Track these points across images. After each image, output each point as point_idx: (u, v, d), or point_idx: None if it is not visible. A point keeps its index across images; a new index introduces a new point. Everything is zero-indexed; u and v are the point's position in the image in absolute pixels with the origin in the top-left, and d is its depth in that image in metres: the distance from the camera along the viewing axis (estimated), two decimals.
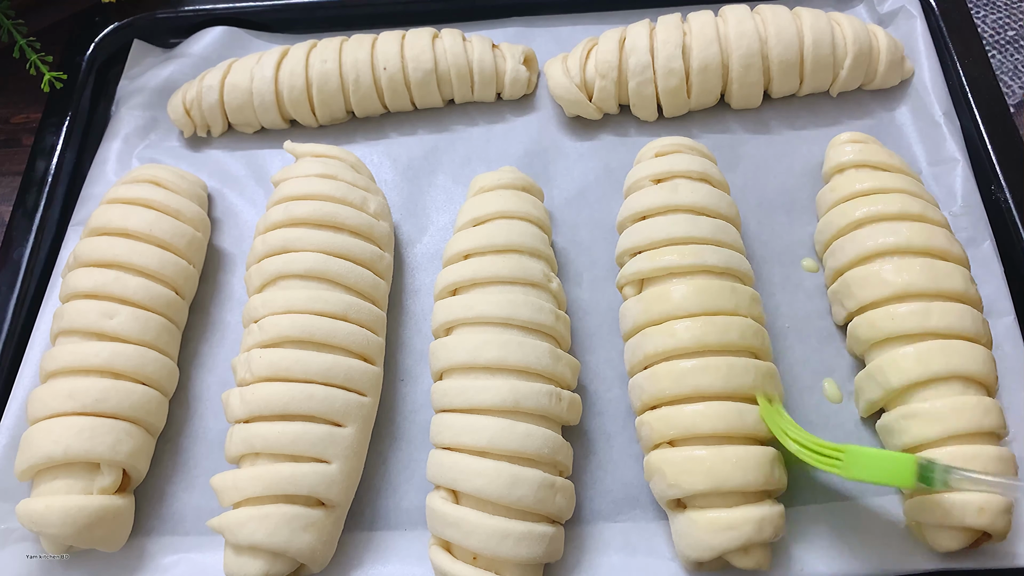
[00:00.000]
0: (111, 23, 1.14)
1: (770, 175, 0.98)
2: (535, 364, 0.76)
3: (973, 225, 0.90)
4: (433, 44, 1.03)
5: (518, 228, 0.85)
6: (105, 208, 0.89)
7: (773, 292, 0.90)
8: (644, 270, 0.81)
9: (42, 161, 1.03)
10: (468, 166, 1.03)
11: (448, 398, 0.76)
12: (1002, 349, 0.82)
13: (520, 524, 0.70)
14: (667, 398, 0.74)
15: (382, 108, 1.06)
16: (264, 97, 1.02)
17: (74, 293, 0.84)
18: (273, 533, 0.71)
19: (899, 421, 0.74)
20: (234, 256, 0.98)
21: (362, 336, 0.81)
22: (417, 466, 0.82)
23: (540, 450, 0.73)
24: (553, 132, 1.04)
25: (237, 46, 1.13)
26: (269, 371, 0.77)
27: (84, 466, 0.76)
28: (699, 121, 1.03)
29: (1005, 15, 1.17)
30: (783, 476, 0.73)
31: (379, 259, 0.87)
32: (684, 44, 0.98)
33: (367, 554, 0.78)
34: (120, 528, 0.77)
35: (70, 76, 1.09)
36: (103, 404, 0.77)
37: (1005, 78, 1.11)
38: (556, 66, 1.02)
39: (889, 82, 1.01)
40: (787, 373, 0.85)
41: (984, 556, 0.73)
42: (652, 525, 0.78)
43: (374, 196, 0.91)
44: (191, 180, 0.97)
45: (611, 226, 0.94)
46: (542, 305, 0.80)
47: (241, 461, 0.76)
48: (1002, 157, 0.93)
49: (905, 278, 0.78)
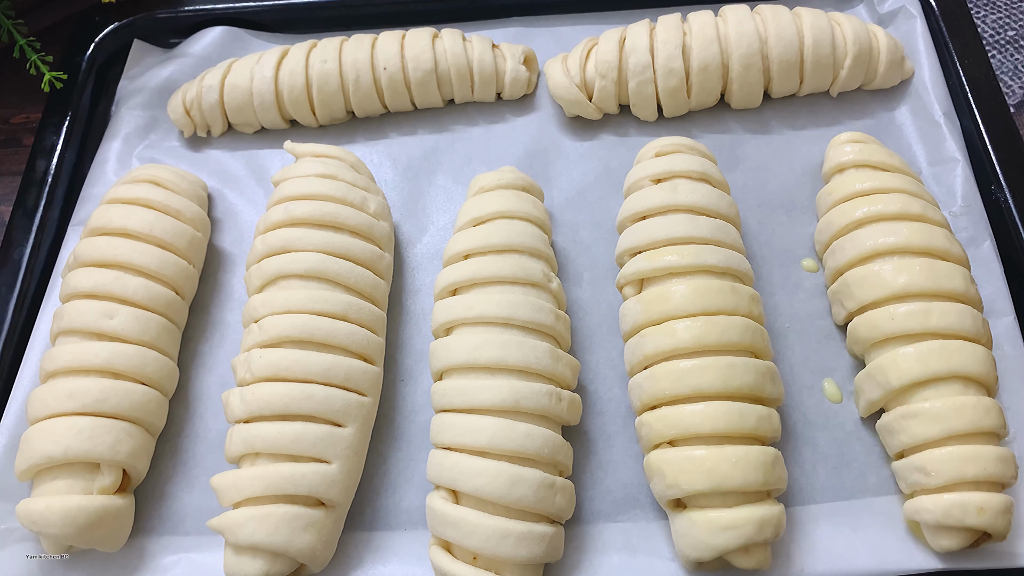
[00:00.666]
0: (111, 23, 1.14)
1: (770, 175, 0.98)
2: (535, 364, 0.76)
3: (973, 225, 0.90)
4: (433, 44, 1.03)
5: (518, 228, 0.85)
6: (105, 208, 0.89)
7: (773, 292, 0.90)
8: (644, 270, 0.81)
9: (42, 161, 1.03)
10: (468, 166, 1.03)
11: (448, 398, 0.76)
12: (1002, 349, 0.82)
13: (520, 524, 0.70)
14: (667, 398, 0.74)
15: (382, 108, 1.06)
16: (264, 97, 1.02)
17: (74, 293, 0.84)
18: (273, 533, 0.71)
19: (899, 421, 0.74)
20: (234, 256, 0.98)
21: (362, 336, 0.81)
22: (417, 466, 0.82)
23: (540, 450, 0.73)
24: (553, 132, 1.04)
25: (237, 46, 1.13)
26: (269, 371, 0.77)
27: (84, 466, 0.76)
28: (699, 121, 1.03)
29: (1005, 15, 1.17)
30: (783, 476, 0.73)
31: (379, 259, 0.87)
32: (684, 44, 0.98)
33: (367, 554, 0.78)
34: (120, 528, 0.77)
35: (70, 76, 1.10)
36: (103, 404, 0.77)
37: (1005, 78, 1.11)
38: (556, 66, 1.02)
39: (889, 82, 1.01)
40: (787, 373, 0.85)
41: (984, 556, 0.73)
42: (652, 525, 0.78)
43: (374, 196, 0.91)
44: (191, 180, 0.97)
45: (611, 226, 0.95)
46: (542, 305, 0.80)
47: (241, 461, 0.76)
48: (1002, 157, 0.93)
49: (905, 278, 0.78)
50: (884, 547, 0.74)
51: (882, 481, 0.78)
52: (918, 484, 0.72)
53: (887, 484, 0.78)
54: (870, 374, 0.78)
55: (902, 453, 0.76)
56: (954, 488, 0.71)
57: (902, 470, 0.75)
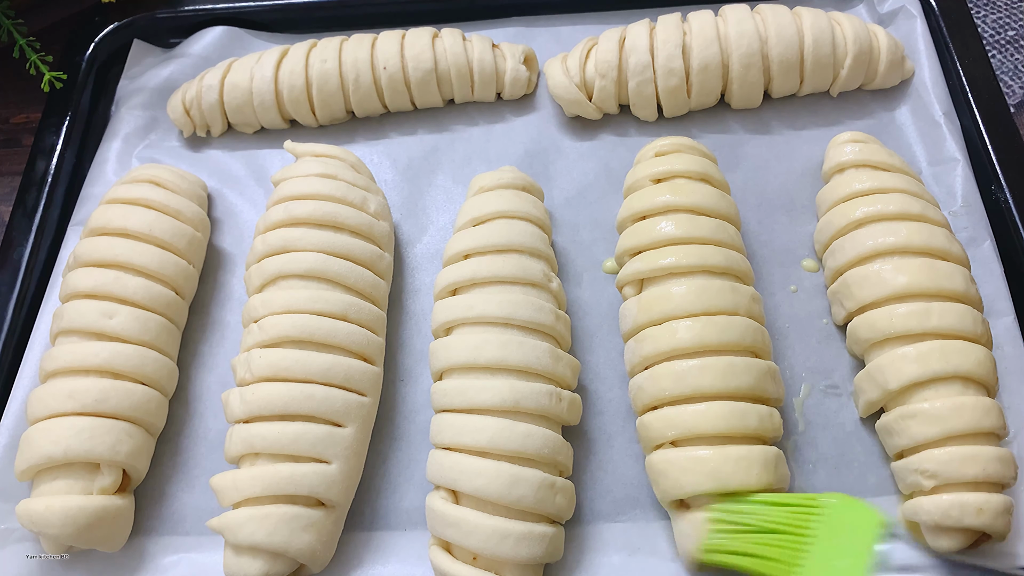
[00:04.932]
0: (111, 23, 1.14)
1: (770, 175, 0.98)
2: (535, 364, 0.76)
3: (973, 225, 0.90)
4: (433, 44, 1.03)
5: (518, 228, 0.85)
6: (105, 208, 0.89)
7: (773, 292, 0.90)
8: (644, 270, 0.81)
9: (42, 161, 1.03)
10: (468, 166, 1.02)
11: (448, 398, 0.76)
12: (1002, 349, 0.82)
13: (520, 524, 0.70)
14: (668, 398, 0.74)
15: (382, 108, 1.05)
16: (264, 97, 1.02)
17: (74, 293, 0.84)
18: (273, 533, 0.71)
19: (898, 421, 0.74)
20: (234, 256, 0.98)
21: (362, 336, 0.81)
22: (417, 466, 0.82)
23: (540, 450, 0.73)
24: (553, 132, 1.04)
25: (237, 46, 1.13)
26: (269, 371, 0.77)
27: (84, 466, 0.76)
28: (699, 121, 1.03)
29: (1005, 15, 1.17)
30: (786, 475, 0.73)
31: (379, 259, 0.87)
32: (684, 44, 0.98)
33: (367, 554, 0.78)
34: (120, 528, 0.77)
35: (70, 76, 1.10)
36: (103, 404, 0.77)
37: (1005, 78, 1.11)
38: (556, 66, 1.02)
39: (889, 82, 1.01)
40: (787, 373, 0.85)
41: (984, 556, 0.73)
42: (653, 525, 0.78)
43: (374, 196, 0.91)
44: (191, 180, 0.97)
45: (611, 226, 0.95)
46: (542, 305, 0.80)
47: (241, 461, 0.76)
48: (1002, 157, 0.93)
49: (905, 278, 0.78)
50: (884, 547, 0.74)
51: (882, 481, 0.78)
52: (917, 484, 0.72)
53: (887, 484, 0.78)
54: (870, 374, 0.78)
55: (901, 453, 0.76)
56: (953, 488, 0.70)
57: (901, 470, 0.75)
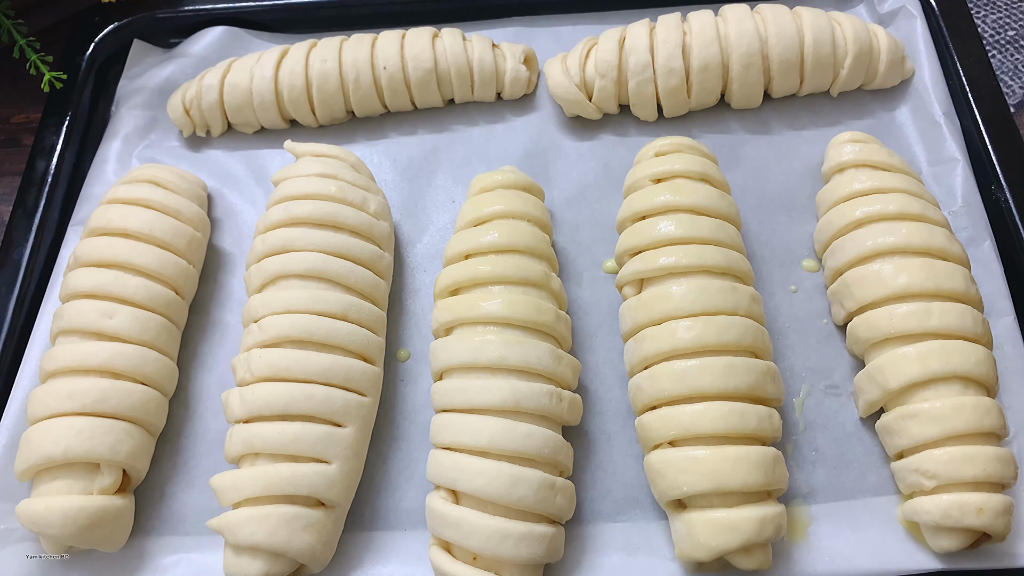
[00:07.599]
0: (111, 23, 1.14)
1: (770, 175, 0.98)
2: (536, 364, 0.76)
3: (973, 225, 0.90)
4: (433, 44, 1.03)
5: (518, 228, 0.85)
6: (105, 208, 0.89)
7: (773, 292, 0.90)
8: (644, 270, 0.81)
9: (42, 161, 1.03)
10: (468, 166, 1.02)
11: (448, 398, 0.76)
12: (1002, 349, 0.82)
13: (520, 524, 0.70)
14: (667, 398, 0.74)
15: (382, 108, 1.05)
16: (264, 97, 1.02)
17: (74, 293, 0.84)
18: (273, 533, 0.71)
19: (898, 421, 0.74)
20: (234, 256, 0.98)
21: (362, 336, 0.81)
22: (417, 466, 0.82)
23: (540, 450, 0.73)
24: (553, 132, 1.04)
25: (237, 46, 1.13)
26: (269, 371, 0.77)
27: (84, 466, 0.76)
28: (699, 121, 1.03)
29: (1005, 15, 1.17)
30: (784, 476, 0.73)
31: (379, 259, 0.87)
32: (684, 44, 0.98)
33: (367, 554, 0.78)
34: (120, 528, 0.77)
35: (70, 76, 1.10)
36: (103, 404, 0.77)
37: (1005, 78, 1.11)
38: (556, 66, 1.02)
39: (889, 82, 1.01)
40: (787, 373, 0.85)
41: (984, 556, 0.73)
42: (652, 525, 0.78)
43: (374, 196, 0.91)
44: (191, 180, 0.97)
45: (611, 226, 0.94)
46: (542, 305, 0.80)
47: (241, 461, 0.76)
48: (1002, 157, 0.93)
49: (905, 278, 0.78)
50: (884, 547, 0.74)
51: (882, 481, 0.78)
52: (917, 484, 0.72)
53: (887, 484, 0.78)
54: (870, 374, 0.78)
55: (901, 453, 0.76)
56: (953, 489, 0.71)
57: (901, 471, 0.75)
